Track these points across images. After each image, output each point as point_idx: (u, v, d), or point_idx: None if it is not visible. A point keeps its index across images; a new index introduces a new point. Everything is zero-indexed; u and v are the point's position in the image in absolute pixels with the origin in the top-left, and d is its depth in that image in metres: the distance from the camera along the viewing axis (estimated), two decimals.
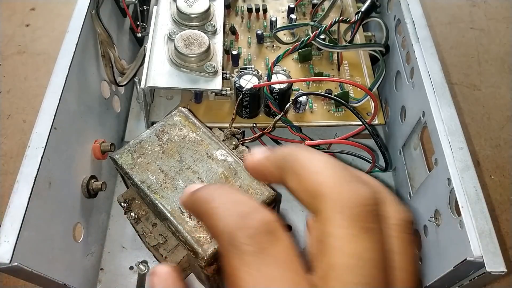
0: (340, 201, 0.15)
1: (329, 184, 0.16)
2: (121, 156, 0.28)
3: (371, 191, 0.16)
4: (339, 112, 0.39)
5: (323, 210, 0.15)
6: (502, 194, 0.44)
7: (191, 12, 0.37)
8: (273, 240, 0.15)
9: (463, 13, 0.61)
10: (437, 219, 0.30)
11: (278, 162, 0.19)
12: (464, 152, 0.28)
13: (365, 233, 0.15)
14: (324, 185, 0.16)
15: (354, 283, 0.14)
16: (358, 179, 0.16)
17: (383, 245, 0.16)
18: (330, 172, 0.16)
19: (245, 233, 0.15)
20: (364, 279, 0.14)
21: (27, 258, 0.23)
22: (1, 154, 0.45)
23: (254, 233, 0.15)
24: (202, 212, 0.18)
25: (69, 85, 0.30)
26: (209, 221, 0.17)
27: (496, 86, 0.52)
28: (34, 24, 0.58)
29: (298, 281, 0.15)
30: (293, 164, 0.18)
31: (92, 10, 0.35)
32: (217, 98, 0.39)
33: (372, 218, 0.15)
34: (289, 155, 0.18)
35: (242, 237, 0.15)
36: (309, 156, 0.17)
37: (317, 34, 0.38)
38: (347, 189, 0.15)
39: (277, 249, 0.15)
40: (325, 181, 0.16)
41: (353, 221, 0.15)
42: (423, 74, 0.33)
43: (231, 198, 0.17)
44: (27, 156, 0.26)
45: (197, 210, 0.19)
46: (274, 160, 0.20)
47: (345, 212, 0.15)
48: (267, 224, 0.16)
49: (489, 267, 0.23)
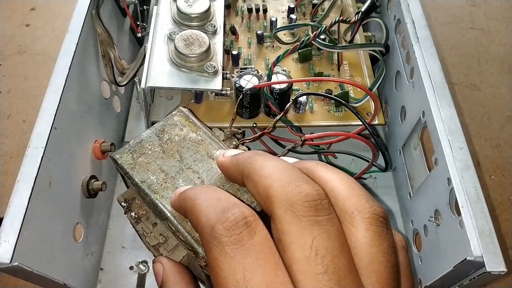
0: (286, 201, 0.17)
1: (277, 187, 0.17)
2: (121, 156, 0.28)
3: (314, 188, 0.17)
4: (339, 112, 0.39)
5: (275, 210, 0.17)
6: (502, 194, 0.44)
7: (191, 12, 0.37)
8: (251, 232, 0.17)
9: (463, 13, 0.61)
10: (437, 219, 0.30)
11: (239, 167, 0.21)
12: (464, 152, 0.28)
13: (313, 225, 0.16)
14: (272, 188, 0.18)
15: (315, 273, 0.16)
16: (303, 179, 0.18)
17: (339, 235, 0.17)
18: (278, 175, 0.18)
19: (224, 226, 0.17)
20: (324, 266, 0.16)
21: (27, 258, 0.23)
22: (1, 154, 0.45)
23: (233, 226, 0.17)
24: (188, 209, 0.20)
25: (69, 85, 0.30)
26: (193, 216, 0.19)
27: (496, 86, 0.52)
28: (34, 24, 0.58)
29: (274, 270, 0.16)
30: (249, 169, 0.20)
31: (92, 10, 0.35)
32: (217, 98, 0.39)
33: (318, 211, 0.17)
34: (247, 161, 0.20)
35: (221, 229, 0.17)
36: (262, 162, 0.19)
37: (317, 34, 0.38)
38: (292, 189, 0.17)
39: (254, 241, 0.16)
40: (273, 184, 0.18)
41: (300, 216, 0.16)
42: (423, 74, 0.33)
43: (214, 196, 0.19)
44: (27, 156, 0.26)
45: (184, 208, 0.20)
46: (235, 164, 0.22)
47: (292, 210, 0.17)
48: (245, 218, 0.17)
49: (489, 267, 0.24)
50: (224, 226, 0.17)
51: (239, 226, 0.17)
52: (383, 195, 0.40)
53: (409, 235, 0.37)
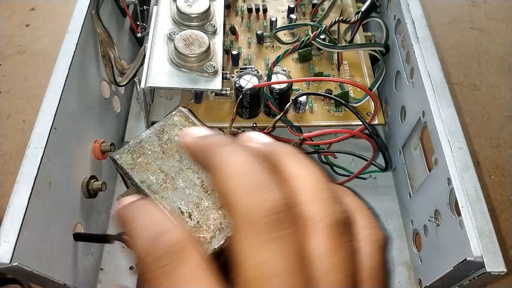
0: (245, 214, 0.15)
1: (237, 194, 0.16)
2: (121, 156, 0.28)
3: (281, 196, 0.15)
4: (339, 112, 0.39)
5: (232, 221, 0.16)
6: (502, 194, 0.44)
7: (191, 12, 0.37)
8: (180, 260, 0.16)
9: (463, 13, 0.61)
10: (437, 219, 0.30)
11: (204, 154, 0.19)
12: (464, 152, 0.28)
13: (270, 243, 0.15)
14: (232, 195, 0.16)
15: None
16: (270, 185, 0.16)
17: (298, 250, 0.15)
18: (241, 178, 0.16)
19: (153, 257, 0.16)
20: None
21: (27, 258, 0.23)
22: (1, 154, 0.45)
23: (160, 257, 0.16)
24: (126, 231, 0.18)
25: (69, 85, 0.30)
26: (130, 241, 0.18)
27: (496, 86, 0.52)
28: (34, 24, 0.58)
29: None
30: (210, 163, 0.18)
31: (92, 10, 0.35)
32: (217, 98, 0.39)
33: (281, 225, 0.15)
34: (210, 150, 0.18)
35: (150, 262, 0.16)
36: (225, 157, 0.17)
37: (317, 34, 0.38)
38: (254, 199, 0.15)
39: (184, 269, 0.16)
40: (234, 189, 0.16)
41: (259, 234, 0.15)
42: (423, 74, 0.33)
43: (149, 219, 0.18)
44: (27, 156, 0.26)
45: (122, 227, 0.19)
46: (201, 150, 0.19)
47: (251, 225, 0.15)
48: (173, 246, 0.16)
49: (489, 267, 0.23)
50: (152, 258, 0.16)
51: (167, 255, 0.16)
52: (383, 195, 0.40)
53: (409, 235, 0.37)
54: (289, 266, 0.15)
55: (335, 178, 0.39)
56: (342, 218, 0.17)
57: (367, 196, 0.40)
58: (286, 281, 0.15)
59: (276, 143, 0.20)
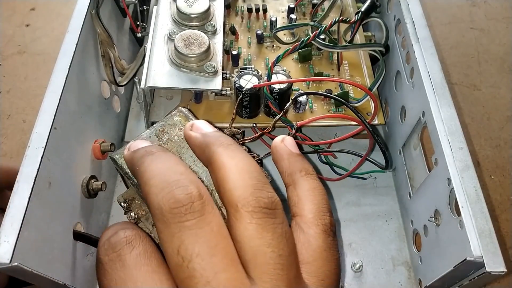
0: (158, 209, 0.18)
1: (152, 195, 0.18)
2: (121, 156, 0.28)
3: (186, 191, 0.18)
4: (339, 112, 0.39)
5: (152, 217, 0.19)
6: (502, 194, 0.44)
7: (191, 12, 0.37)
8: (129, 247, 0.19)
9: (463, 13, 0.61)
10: (437, 219, 0.30)
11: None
12: (464, 152, 0.28)
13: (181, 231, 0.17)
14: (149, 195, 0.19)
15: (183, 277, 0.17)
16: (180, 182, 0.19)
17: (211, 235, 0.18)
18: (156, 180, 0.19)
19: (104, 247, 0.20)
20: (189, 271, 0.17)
21: (27, 258, 0.23)
22: (1, 154, 0.45)
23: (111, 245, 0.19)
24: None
25: (69, 85, 0.30)
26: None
27: (496, 86, 0.52)
28: (34, 24, 0.58)
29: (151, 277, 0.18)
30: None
31: (92, 10, 0.35)
32: (217, 98, 0.39)
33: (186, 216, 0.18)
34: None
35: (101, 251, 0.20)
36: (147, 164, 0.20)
37: (317, 34, 0.38)
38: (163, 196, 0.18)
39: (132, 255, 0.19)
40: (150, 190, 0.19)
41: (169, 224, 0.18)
42: (423, 74, 0.33)
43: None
44: (27, 156, 0.26)
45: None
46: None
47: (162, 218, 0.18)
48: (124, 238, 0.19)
49: (489, 267, 0.23)
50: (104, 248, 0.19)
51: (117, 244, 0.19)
52: (383, 195, 0.40)
53: (409, 235, 0.37)
54: (208, 247, 0.17)
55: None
56: (267, 202, 0.19)
57: (367, 196, 0.40)
58: (208, 261, 0.17)
59: (213, 134, 0.22)
